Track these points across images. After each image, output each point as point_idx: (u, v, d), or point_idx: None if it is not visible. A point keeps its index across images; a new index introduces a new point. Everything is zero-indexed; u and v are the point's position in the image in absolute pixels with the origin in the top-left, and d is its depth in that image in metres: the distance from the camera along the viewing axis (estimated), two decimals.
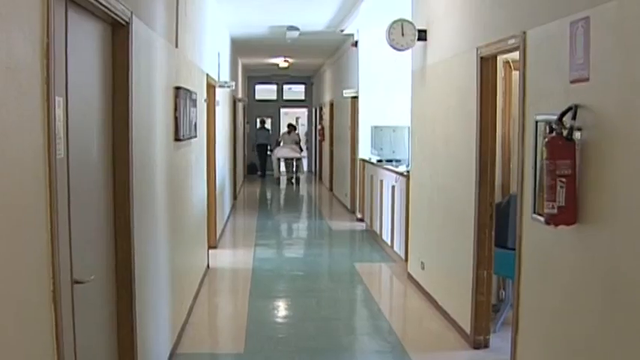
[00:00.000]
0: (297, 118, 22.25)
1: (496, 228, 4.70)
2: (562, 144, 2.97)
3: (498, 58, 4.57)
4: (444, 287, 5.51)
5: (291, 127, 17.72)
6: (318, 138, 17.93)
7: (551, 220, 3.03)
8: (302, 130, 21.95)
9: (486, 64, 4.53)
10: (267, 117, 20.80)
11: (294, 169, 16.73)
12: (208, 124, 7.32)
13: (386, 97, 9.96)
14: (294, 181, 16.65)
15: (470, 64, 4.72)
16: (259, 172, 18.61)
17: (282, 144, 17.34)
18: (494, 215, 4.62)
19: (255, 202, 13.72)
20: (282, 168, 17.33)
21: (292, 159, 16.58)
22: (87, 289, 2.57)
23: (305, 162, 18.73)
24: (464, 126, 4.93)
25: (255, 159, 18.76)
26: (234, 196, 12.94)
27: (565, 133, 2.99)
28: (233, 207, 12.05)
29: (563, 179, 2.95)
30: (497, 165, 5.03)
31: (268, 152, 18.38)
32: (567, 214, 2.98)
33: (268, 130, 19.09)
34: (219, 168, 8.86)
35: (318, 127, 17.49)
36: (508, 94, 5.29)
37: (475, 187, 4.63)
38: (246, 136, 18.03)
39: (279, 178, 16.58)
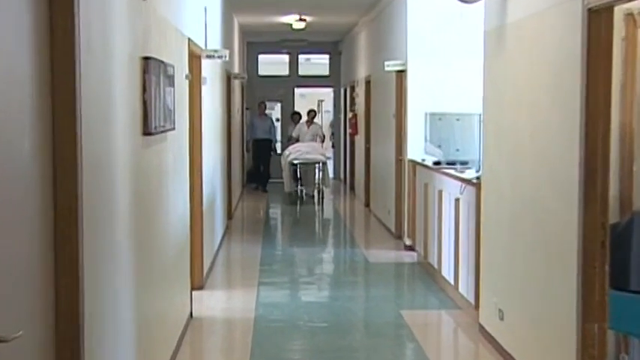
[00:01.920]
0: (319, 102, 22.20)
1: (612, 261, 4.66)
2: None
3: (616, 9, 4.52)
4: (532, 346, 5.48)
5: (312, 115, 17.46)
6: (348, 131, 17.93)
7: None
8: (326, 118, 21.91)
9: (597, 19, 4.48)
10: (276, 101, 20.75)
11: (317, 178, 16.46)
12: (192, 111, 7.37)
13: (446, 71, 9.94)
14: (315, 196, 16.44)
15: (571, 20, 4.68)
16: (259, 183, 18.00)
17: (295, 139, 17.08)
18: (607, 242, 4.57)
19: (259, 222, 13.75)
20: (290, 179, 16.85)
21: (313, 164, 16.35)
22: (12, 349, 2.56)
23: (330, 165, 18.53)
24: (561, 112, 4.89)
25: (256, 162, 18.19)
26: (229, 215, 13.01)
27: None
28: (227, 230, 12.10)
29: None
30: (613, 169, 4.97)
31: (272, 152, 18.09)
32: None
33: (271, 119, 18.78)
34: (208, 174, 8.91)
35: (349, 115, 17.49)
36: (631, 63, 5.22)
37: (579, 202, 4.60)
38: (245, 129, 17.99)
39: (294, 193, 16.19)
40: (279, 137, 19.33)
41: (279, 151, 18.61)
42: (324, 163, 16.14)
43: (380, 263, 9.87)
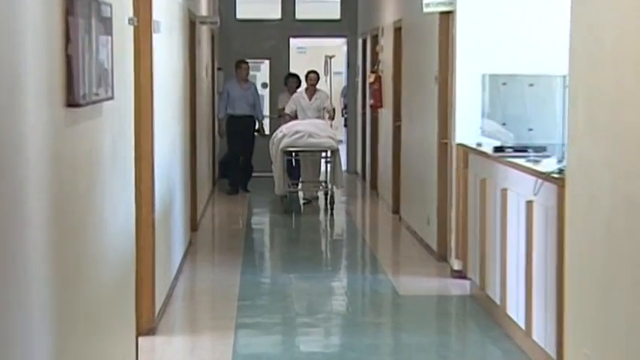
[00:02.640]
0: (327, 59, 22.09)
1: None
2: None
3: None
4: None
5: (313, 78, 17.32)
6: (368, 102, 18.01)
7: None
8: (336, 84, 21.85)
9: None
10: (263, 57, 20.72)
11: (324, 175, 16.45)
12: (138, 72, 7.44)
13: (514, 11, 10.09)
14: (321, 200, 16.48)
15: None
16: (238, 180, 17.97)
17: (291, 116, 16.99)
18: None
19: (237, 237, 13.86)
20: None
21: (319, 152, 16.28)
22: None
23: (343, 153, 18.47)
24: None
25: (234, 148, 18.13)
26: (194, 226, 13.14)
27: None
28: (191, 247, 12.19)
29: None
30: None
31: (256, 132, 18.03)
32: None
33: (255, 85, 18.78)
34: (163, 166, 9.03)
35: (370, 79, 17.52)
36: None
37: None
38: (218, 99, 18.06)
39: (289, 196, 16.09)
40: (267, 112, 19.19)
41: (267, 132, 18.50)
42: (335, 152, 15.97)
43: (415, 296, 9.97)
